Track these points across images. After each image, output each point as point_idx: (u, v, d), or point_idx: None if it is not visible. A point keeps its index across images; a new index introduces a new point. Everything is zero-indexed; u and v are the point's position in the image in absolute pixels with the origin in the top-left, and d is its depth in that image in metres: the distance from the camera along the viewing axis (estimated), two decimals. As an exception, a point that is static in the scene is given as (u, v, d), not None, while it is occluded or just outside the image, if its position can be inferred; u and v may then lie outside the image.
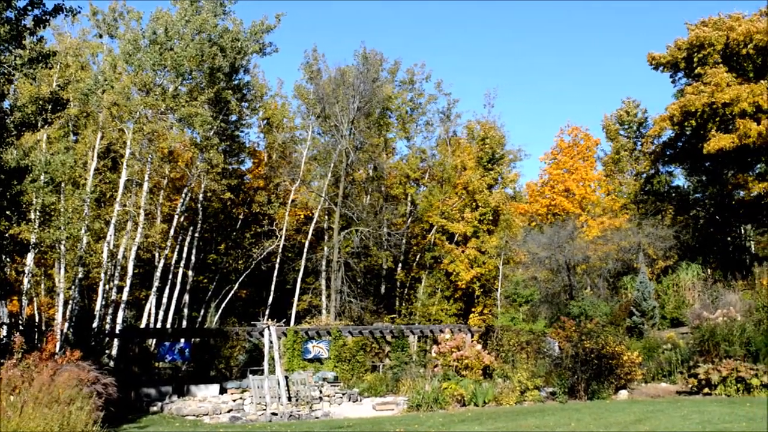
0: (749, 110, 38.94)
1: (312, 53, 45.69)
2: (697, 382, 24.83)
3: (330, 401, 25.74)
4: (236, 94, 40.02)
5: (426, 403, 23.41)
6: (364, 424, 19.49)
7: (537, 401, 24.72)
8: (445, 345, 29.60)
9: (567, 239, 44.42)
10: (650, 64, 46.33)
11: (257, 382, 24.71)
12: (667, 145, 47.54)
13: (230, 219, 46.19)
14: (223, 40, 36.66)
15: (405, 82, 49.01)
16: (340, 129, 41.57)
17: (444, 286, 43.82)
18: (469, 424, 18.00)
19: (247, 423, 21.83)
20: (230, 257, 45.08)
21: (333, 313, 39.53)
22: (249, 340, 31.82)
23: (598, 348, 26.07)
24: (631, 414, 18.56)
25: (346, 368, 30.36)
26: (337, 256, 40.70)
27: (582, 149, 52.91)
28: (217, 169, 38.30)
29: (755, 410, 17.90)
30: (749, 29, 40.29)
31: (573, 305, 39.70)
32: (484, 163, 43.55)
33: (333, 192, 42.75)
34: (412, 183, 47.51)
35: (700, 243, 48.49)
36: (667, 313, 36.77)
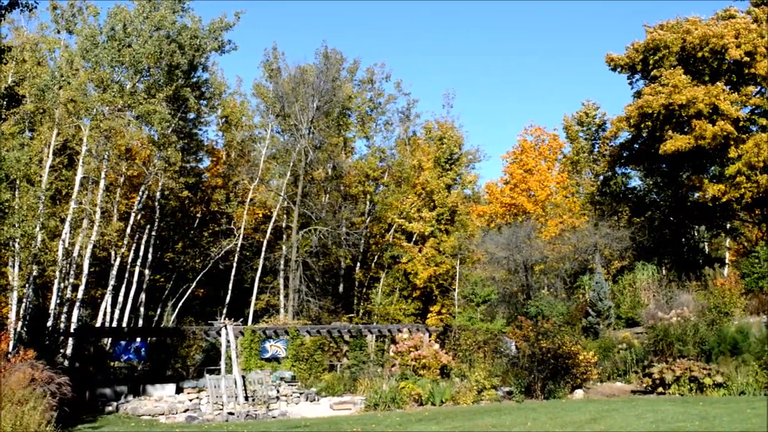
0: (705, 112, 39.46)
1: (272, 51, 45.62)
2: (651, 382, 25.12)
3: (287, 401, 25.67)
4: (195, 91, 39.75)
5: (383, 403, 23.44)
6: (321, 423, 19.46)
7: (494, 400, 24.85)
8: (402, 344, 29.66)
9: (525, 239, 44.70)
10: (608, 65, 46.75)
11: (214, 381, 24.59)
12: (623, 147, 47.99)
13: (188, 217, 45.90)
14: (182, 37, 36.38)
15: (365, 81, 49.06)
16: (300, 128, 41.48)
17: (402, 286, 43.96)
18: (427, 424, 18.06)
19: (204, 423, 21.70)
20: (188, 256, 44.80)
21: (291, 313, 39.44)
22: (206, 339, 31.65)
23: (555, 348, 26.27)
24: (586, 413, 18.72)
25: (304, 368, 30.31)
26: (296, 255, 40.59)
27: (544, 149, 53.22)
28: (175, 167, 38.03)
29: (708, 409, 18.15)
30: (705, 33, 40.82)
31: (530, 305, 39.96)
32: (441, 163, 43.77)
33: (292, 191, 42.64)
34: (372, 182, 47.55)
35: (656, 244, 49.03)
36: (623, 313, 37.14)
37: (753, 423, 15.30)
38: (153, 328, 37.10)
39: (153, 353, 30.00)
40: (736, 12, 43.82)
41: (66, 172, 35.84)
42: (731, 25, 40.84)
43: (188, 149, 42.41)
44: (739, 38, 40.27)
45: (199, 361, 31.28)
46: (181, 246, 45.03)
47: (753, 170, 39.32)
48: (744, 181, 39.42)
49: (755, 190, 39.31)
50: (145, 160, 39.50)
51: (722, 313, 31.27)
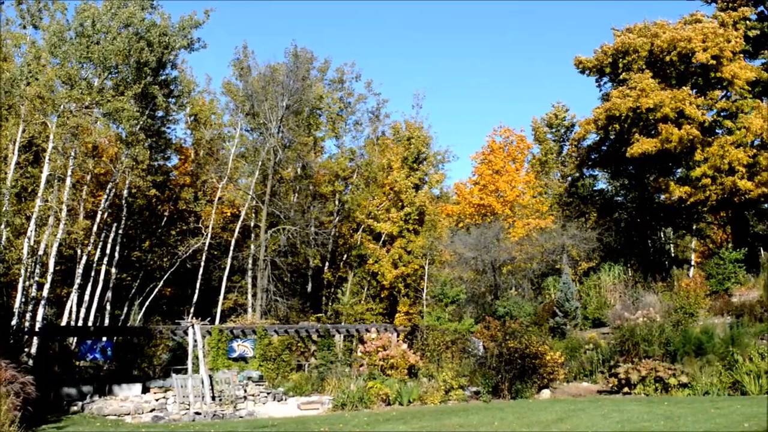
0: (672, 116, 39.85)
1: (242, 50, 45.42)
2: (617, 382, 25.32)
3: (255, 400, 25.57)
4: (163, 89, 39.42)
5: (351, 403, 23.43)
6: (288, 423, 19.41)
7: (461, 400, 24.93)
8: (371, 344, 29.67)
9: (493, 240, 44.88)
10: (577, 67, 47.05)
11: (181, 381, 24.44)
12: (591, 149, 48.36)
13: (155, 216, 45.58)
14: (151, 34, 36.06)
15: (335, 81, 49.02)
16: (269, 127, 41.35)
17: (370, 286, 43.95)
18: (394, 424, 18.08)
19: (170, 422, 21.57)
20: (155, 255, 44.50)
21: (259, 312, 39.30)
22: (173, 338, 31.46)
23: (522, 348, 26.41)
24: (553, 413, 18.83)
25: (272, 367, 30.23)
26: (264, 254, 40.47)
27: (513, 150, 53.44)
28: (143, 165, 37.69)
29: (673, 409, 18.32)
30: (673, 36, 41.22)
31: (498, 305, 40.11)
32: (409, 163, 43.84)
33: (261, 190, 42.50)
34: (341, 182, 47.52)
35: (622, 245, 49.45)
36: (590, 313, 37.39)
37: (717, 423, 15.47)
38: (119, 328, 36.79)
39: (119, 353, 29.76)
40: (702, 16, 44.31)
41: (32, 169, 35.46)
42: (698, 29, 41.26)
43: (156, 147, 42.07)
44: (706, 42, 40.72)
45: (166, 361, 31.10)
46: (149, 245, 44.71)
47: (718, 173, 39.80)
48: (709, 183, 39.89)
49: (720, 192, 39.78)
50: (112, 157, 39.17)
51: (687, 314, 31.60)
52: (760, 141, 40.42)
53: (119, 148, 37.74)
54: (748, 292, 36.55)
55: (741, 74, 41.28)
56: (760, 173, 38.96)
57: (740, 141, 40.23)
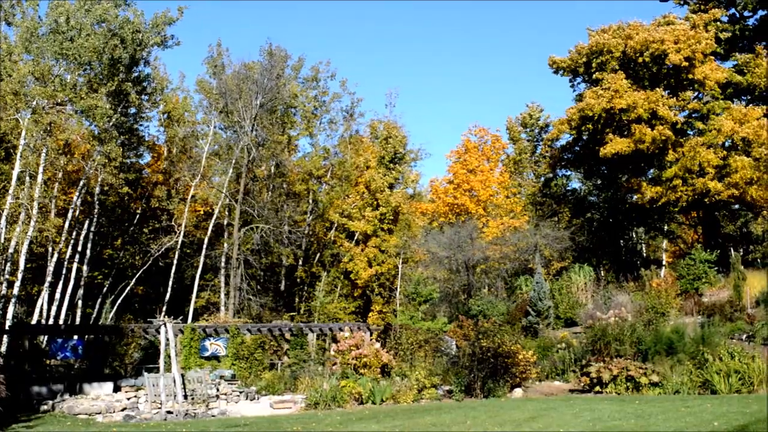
0: (645, 116, 40.17)
1: (216, 48, 45.18)
2: (589, 381, 25.47)
3: (227, 399, 25.48)
4: (136, 86, 39.16)
5: (324, 401, 23.42)
6: (261, 422, 19.36)
7: (434, 399, 25.00)
8: (344, 343, 29.65)
9: (467, 239, 44.97)
10: (551, 67, 47.29)
11: (153, 380, 24.30)
12: (565, 149, 48.65)
13: (128, 214, 45.28)
14: (124, 31, 35.82)
15: (309, 79, 48.87)
16: (243, 125, 41.19)
17: (343, 285, 43.88)
18: (367, 423, 18.08)
19: (142, 422, 21.44)
20: (127, 253, 44.22)
21: (232, 311, 39.15)
22: (145, 337, 31.28)
23: (495, 347, 26.50)
24: (525, 412, 18.92)
25: (244, 366, 30.14)
26: (237, 252, 40.31)
27: (487, 150, 53.55)
28: (115, 163, 37.40)
29: (644, 408, 18.46)
30: (646, 38, 41.54)
31: (471, 304, 40.23)
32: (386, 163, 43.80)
33: (234, 188, 42.33)
34: (315, 181, 47.40)
35: (595, 245, 49.78)
36: (562, 312, 37.60)
37: (687, 421, 15.61)
38: (90, 326, 36.48)
39: (90, 351, 29.52)
40: (675, 18, 44.73)
41: (2, 165, 35.12)
42: (671, 31, 41.62)
43: (129, 145, 41.78)
44: (678, 44, 41.07)
45: (138, 360, 30.91)
46: (121, 242, 44.42)
47: (689, 174, 40.16)
48: (680, 184, 40.25)
49: (691, 193, 40.15)
50: (84, 155, 38.85)
51: (659, 313, 31.88)
52: (731, 142, 40.82)
53: (92, 146, 37.43)
54: (719, 292, 36.94)
55: (712, 76, 41.73)
56: (730, 175, 39.33)
57: (711, 142, 40.63)
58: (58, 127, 34.40)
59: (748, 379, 23.02)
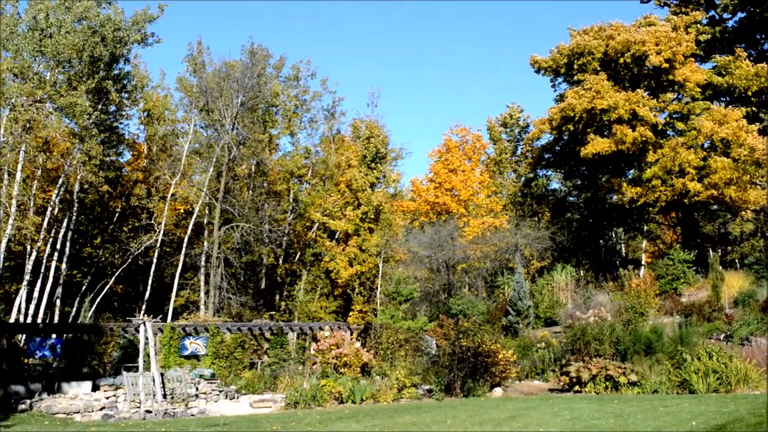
0: (626, 117, 40.34)
1: (196, 46, 45.03)
2: (568, 380, 25.57)
3: (206, 399, 25.41)
4: (116, 84, 38.92)
5: (304, 401, 23.39)
6: (240, 422, 19.31)
7: (414, 398, 25.02)
8: (324, 342, 29.63)
9: (447, 239, 45.02)
10: (533, 67, 47.42)
11: (132, 379, 24.19)
12: (545, 149, 48.79)
13: (107, 212, 45.03)
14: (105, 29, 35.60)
15: (290, 78, 48.80)
16: (224, 123, 41.06)
17: (324, 284, 43.83)
18: (347, 422, 18.07)
19: (120, 421, 21.33)
20: (107, 251, 43.97)
21: (212, 310, 39.03)
22: (124, 336, 31.11)
23: (475, 346, 26.55)
24: (505, 411, 18.95)
25: (224, 365, 30.06)
26: (217, 251, 40.19)
27: (468, 150, 53.59)
28: (95, 161, 37.17)
29: (622, 407, 18.54)
30: (628, 39, 41.72)
31: (452, 304, 40.28)
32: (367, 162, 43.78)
33: (214, 187, 42.20)
34: (296, 180, 47.33)
35: (575, 245, 49.96)
36: (542, 312, 37.70)
37: (665, 421, 15.69)
38: (69, 325, 36.24)
39: (69, 350, 29.33)
40: (656, 19, 44.99)
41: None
42: (652, 32, 41.83)
43: (109, 143, 41.53)
44: (659, 45, 41.30)
45: (117, 359, 30.72)
46: (100, 241, 44.16)
47: (669, 174, 40.37)
48: (660, 184, 40.43)
49: (670, 193, 40.35)
50: (63, 152, 38.61)
51: (638, 313, 32.05)
52: (710, 143, 41.08)
53: (72, 143, 37.19)
54: (697, 292, 37.20)
55: (692, 77, 42.00)
56: (709, 175, 39.57)
57: (691, 143, 40.86)
58: (38, 124, 34.16)
59: (726, 379, 23.16)
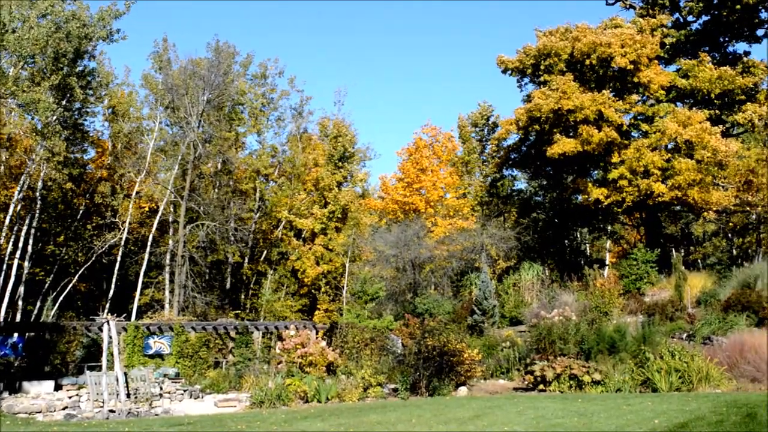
0: (592, 118, 40.60)
1: (162, 43, 44.70)
2: (533, 379, 25.69)
3: (171, 398, 25.23)
4: (81, 80, 38.52)
5: (269, 400, 23.31)
6: (204, 421, 19.20)
7: (379, 397, 25.02)
8: (289, 341, 29.55)
9: (414, 238, 45.09)
10: (499, 66, 47.57)
11: (95, 378, 23.97)
12: (512, 149, 48.97)
13: (71, 209, 44.57)
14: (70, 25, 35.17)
15: (257, 76, 48.62)
16: (190, 121, 40.82)
17: (290, 283, 43.73)
18: (312, 421, 18.03)
19: (83, 420, 21.12)
20: (70, 249, 43.53)
21: (176, 308, 38.80)
22: (87, 335, 30.78)
23: (440, 345, 26.60)
24: (469, 410, 19.00)
25: (189, 364, 29.86)
26: (182, 250, 39.96)
27: (438, 149, 53.63)
28: (59, 158, 36.82)
29: (586, 406, 18.66)
30: (594, 41, 42.00)
31: (418, 303, 40.35)
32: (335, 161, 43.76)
33: (180, 185, 41.96)
34: (262, 178, 47.15)
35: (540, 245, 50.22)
36: (507, 312, 37.86)
37: (628, 419, 15.82)
38: (31, 323, 35.85)
39: (31, 349, 29.00)
40: (622, 22, 45.38)
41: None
42: (618, 34, 42.15)
43: (73, 139, 41.12)
44: (624, 48, 41.64)
45: (80, 358, 30.41)
46: (63, 239, 43.70)
47: (634, 175, 40.70)
48: (626, 185, 40.75)
49: (636, 194, 40.68)
50: (26, 149, 38.19)
51: (602, 312, 32.28)
52: (674, 145, 41.48)
53: (35, 140, 36.78)
54: (660, 292, 37.55)
55: (657, 80, 42.41)
56: (673, 176, 39.96)
57: (655, 144, 41.22)
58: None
59: (688, 378, 23.40)
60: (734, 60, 46.49)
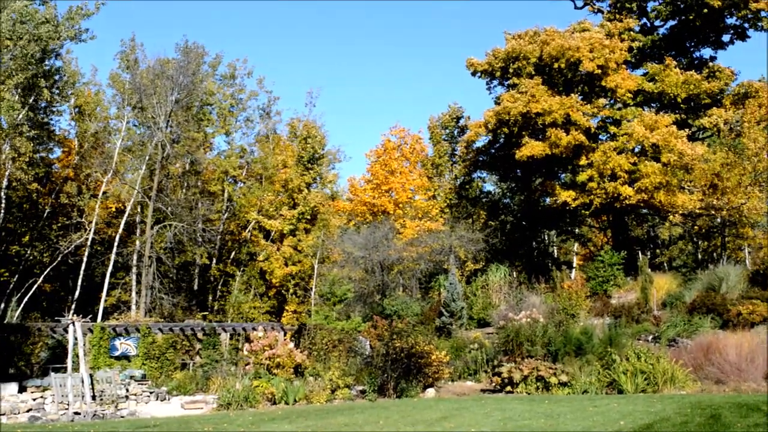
0: (560, 121, 40.88)
1: (129, 42, 44.33)
2: (500, 381, 25.76)
3: (137, 400, 25.02)
4: (48, 80, 38.12)
5: (236, 402, 23.20)
6: (171, 423, 19.06)
7: (347, 399, 24.99)
8: (257, 343, 29.41)
9: (383, 240, 45.08)
10: (468, 69, 47.73)
11: (60, 380, 23.72)
12: (481, 151, 49.16)
13: (36, 209, 44.09)
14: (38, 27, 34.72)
15: (226, 76, 48.42)
16: (157, 121, 40.54)
17: (258, 284, 43.57)
18: (279, 423, 17.97)
19: (48, 423, 20.91)
20: (35, 250, 43.04)
21: (143, 310, 38.53)
22: (53, 336, 30.49)
23: (408, 347, 26.58)
24: (437, 411, 19.02)
25: (155, 366, 29.66)
26: (150, 250, 39.68)
27: (407, 151, 53.60)
28: (25, 158, 36.42)
29: (553, 407, 18.74)
30: (562, 45, 42.29)
31: (386, 305, 40.33)
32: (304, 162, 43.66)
33: (147, 185, 41.67)
34: (231, 179, 46.93)
35: (508, 247, 50.43)
36: (475, 313, 37.94)
37: (595, 420, 15.91)
38: (-5, 324, 35.47)
39: (-6, 350, 28.71)
40: (590, 25, 45.75)
41: None
42: (586, 38, 42.47)
43: (39, 139, 40.67)
44: (593, 52, 41.99)
45: (45, 359, 30.11)
46: (29, 239, 43.21)
47: (602, 178, 41.02)
48: (594, 187, 41.05)
49: (603, 196, 41.00)
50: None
51: (569, 314, 32.43)
52: (641, 148, 41.84)
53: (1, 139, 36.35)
54: (626, 294, 37.85)
55: (624, 84, 42.82)
56: (640, 179, 40.31)
57: (623, 147, 41.58)
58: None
59: (654, 379, 23.60)
60: (700, 65, 47.01)
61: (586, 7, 50.63)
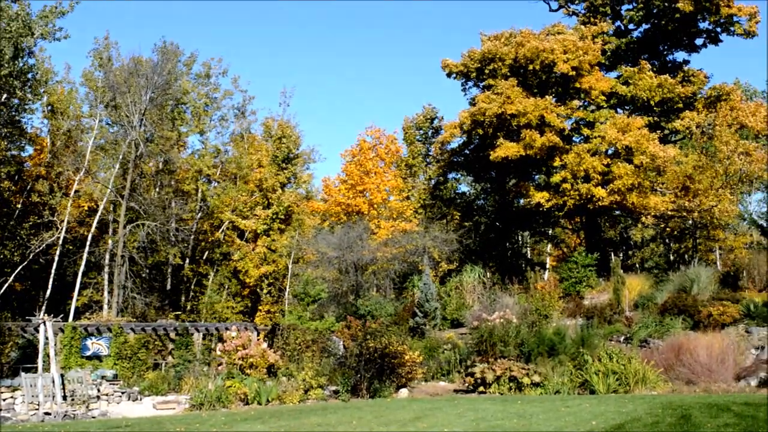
0: (534, 122, 41.03)
1: (103, 40, 44.00)
2: (473, 381, 25.87)
3: (108, 400, 24.86)
4: (20, 78, 37.73)
5: (209, 402, 23.13)
6: (143, 423, 18.98)
7: (320, 400, 24.99)
8: (230, 343, 29.31)
9: (357, 240, 45.08)
10: (444, 70, 47.84)
11: (30, 380, 23.53)
12: (455, 152, 49.28)
13: (7, 208, 43.65)
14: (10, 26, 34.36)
15: (201, 75, 48.15)
16: (131, 120, 40.28)
17: (232, 284, 43.42)
18: (252, 423, 17.94)
19: (18, 423, 20.77)
20: (5, 249, 42.60)
21: (115, 309, 38.28)
22: (23, 336, 30.22)
23: (382, 347, 26.63)
24: (410, 412, 19.07)
25: (127, 366, 29.48)
26: (122, 250, 39.42)
27: (382, 152, 53.55)
28: (-4, 156, 36.09)
29: (525, 408, 18.84)
30: (537, 47, 42.48)
31: (360, 305, 40.35)
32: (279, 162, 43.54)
33: (120, 184, 41.37)
34: (204, 179, 46.71)
35: (482, 248, 50.57)
36: (449, 314, 38.02)
37: (567, 421, 16.01)
38: (-35, 324, 35.08)
39: (-36, 350, 28.41)
40: (564, 28, 46.02)
41: None
42: (561, 41, 42.69)
43: (10, 137, 40.30)
44: (567, 54, 42.20)
45: (15, 359, 29.83)
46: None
47: (575, 179, 41.23)
48: (568, 188, 41.25)
49: (576, 198, 41.22)
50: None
51: (542, 315, 32.61)
52: (614, 150, 42.11)
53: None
54: (599, 295, 38.09)
55: (598, 86, 43.08)
56: (613, 181, 40.57)
57: (596, 149, 41.82)
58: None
59: (625, 380, 23.81)
60: (674, 68, 47.38)
61: (561, 10, 50.88)
